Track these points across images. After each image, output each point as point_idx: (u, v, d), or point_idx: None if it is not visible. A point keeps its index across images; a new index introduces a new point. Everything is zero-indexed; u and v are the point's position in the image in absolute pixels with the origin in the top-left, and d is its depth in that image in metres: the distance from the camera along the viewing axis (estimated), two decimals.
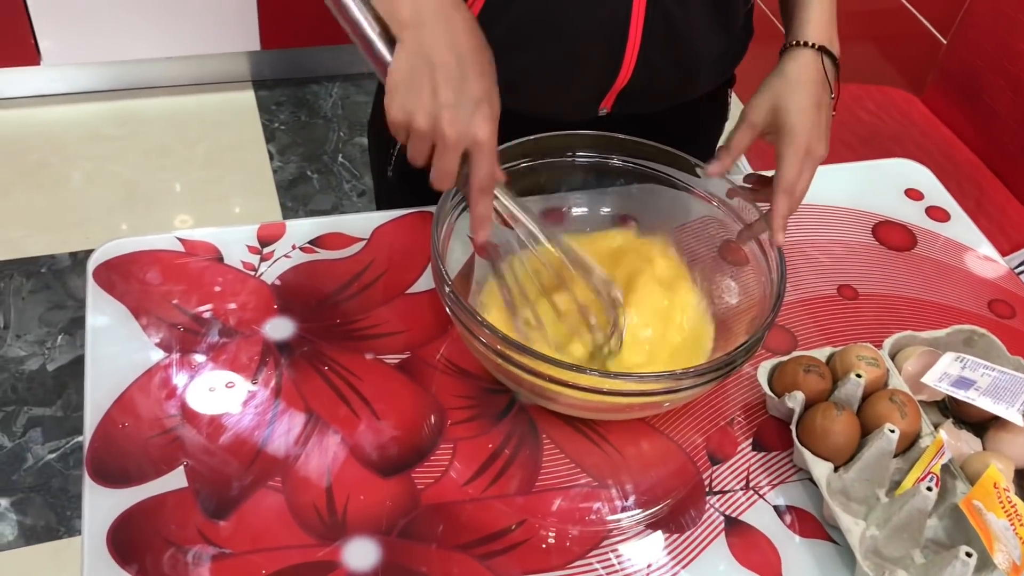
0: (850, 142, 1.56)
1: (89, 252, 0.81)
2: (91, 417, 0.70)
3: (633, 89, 0.83)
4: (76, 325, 1.76)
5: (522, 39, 0.80)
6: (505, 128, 0.78)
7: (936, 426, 0.74)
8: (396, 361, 0.76)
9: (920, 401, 0.74)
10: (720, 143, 1.02)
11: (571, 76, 0.83)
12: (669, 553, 0.67)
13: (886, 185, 1.00)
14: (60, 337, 1.74)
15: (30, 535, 1.46)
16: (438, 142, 0.66)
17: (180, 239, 0.83)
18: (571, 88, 0.84)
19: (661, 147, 0.80)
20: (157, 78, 2.29)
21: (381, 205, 1.04)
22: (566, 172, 0.82)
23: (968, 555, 0.61)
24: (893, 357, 0.78)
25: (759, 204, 0.79)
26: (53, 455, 1.56)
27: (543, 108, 0.86)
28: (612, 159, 0.81)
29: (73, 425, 1.61)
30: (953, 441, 0.73)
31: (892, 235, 0.93)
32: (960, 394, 0.72)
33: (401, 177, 0.98)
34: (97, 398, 0.71)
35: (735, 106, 1.02)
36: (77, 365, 1.70)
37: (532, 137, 0.78)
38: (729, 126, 1.04)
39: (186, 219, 2.01)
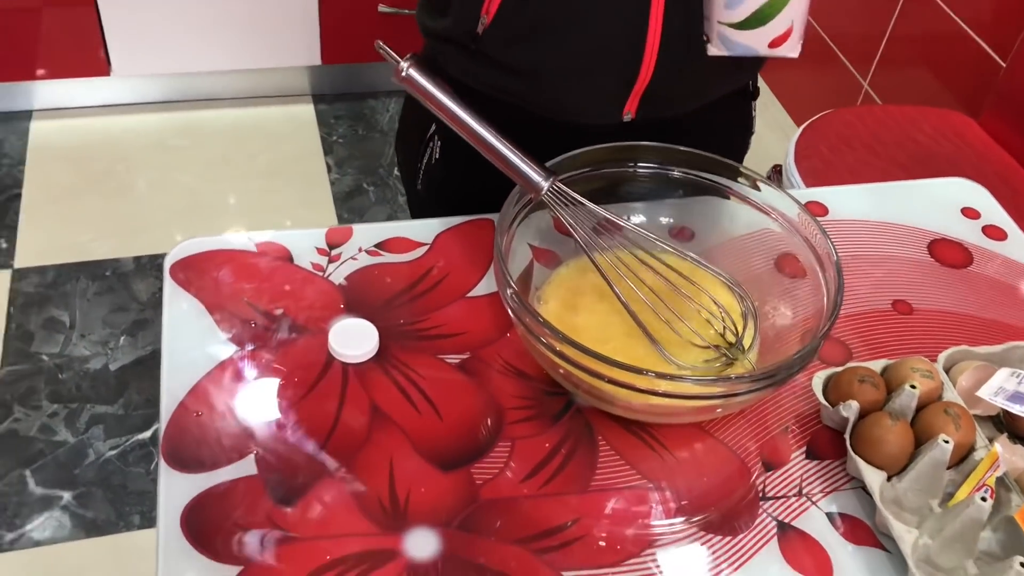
0: (904, 163, 1.56)
1: (152, 257, 0.85)
2: (167, 405, 0.73)
3: (656, 90, 0.85)
4: (138, 327, 1.81)
5: (543, 28, 0.82)
6: (530, 132, 0.80)
7: (991, 440, 0.74)
8: (457, 361, 0.79)
9: (974, 415, 0.74)
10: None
11: (592, 69, 0.84)
12: (721, 555, 0.69)
13: (942, 203, 1.00)
14: (123, 338, 1.79)
15: (91, 528, 1.50)
16: None
17: (253, 240, 0.86)
18: (593, 83, 0.85)
19: (721, 160, 0.82)
20: (220, 91, 2.35)
21: (415, 218, 1.07)
22: (626, 182, 0.84)
23: (1023, 565, 0.62)
24: (948, 371, 0.78)
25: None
26: (113, 452, 1.61)
27: (566, 104, 0.88)
28: (672, 171, 0.83)
29: (133, 423, 1.66)
30: (1008, 455, 0.73)
31: (948, 252, 0.94)
32: (1016, 408, 0.72)
33: (430, 190, 1.01)
34: (172, 388, 0.74)
35: (759, 118, 1.04)
36: (138, 365, 1.75)
37: (593, 147, 0.80)
38: (768, 143, 1.06)
39: (240, 229, 2.07)
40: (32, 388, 1.69)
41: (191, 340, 0.78)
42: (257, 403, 0.74)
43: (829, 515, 0.72)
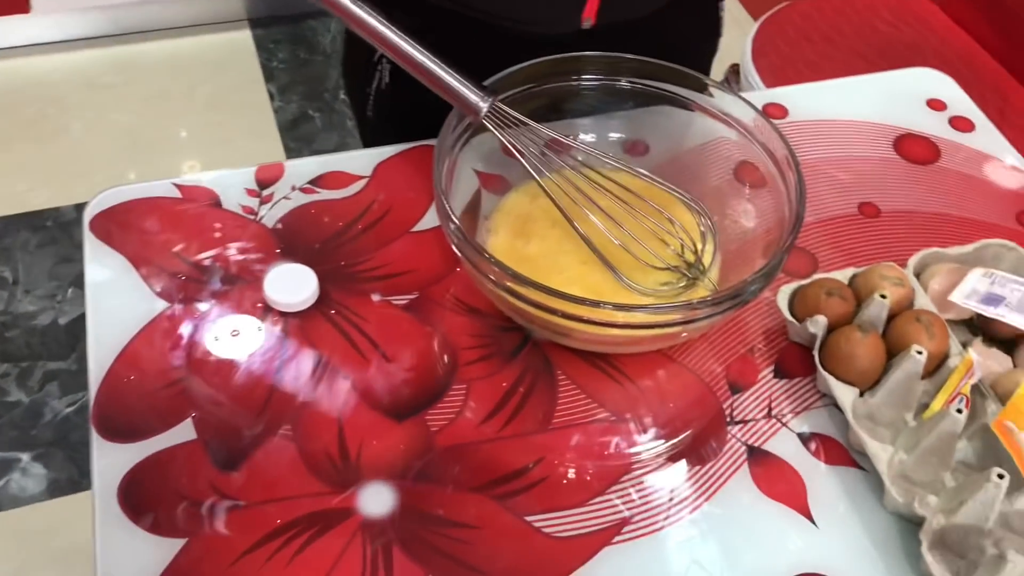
0: (865, 53, 1.51)
1: None
2: (95, 372, 0.68)
3: None
4: None
5: None
6: (483, 46, 0.74)
7: (965, 345, 0.71)
8: (404, 302, 0.74)
9: (947, 320, 0.71)
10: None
11: None
12: (691, 485, 0.66)
13: (907, 96, 0.96)
14: (70, 290, 1.73)
15: (54, 488, 1.47)
16: None
17: (176, 185, 0.80)
18: None
19: (671, 66, 0.76)
20: (151, 21, 2.24)
21: (368, 147, 1.00)
22: (572, 97, 0.78)
23: (1000, 477, 0.59)
24: (918, 276, 0.75)
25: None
26: (71, 408, 1.56)
27: (519, 12, 0.81)
28: (620, 80, 0.77)
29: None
30: (982, 360, 0.70)
31: (915, 148, 0.90)
32: (990, 311, 0.69)
33: (381, 117, 0.95)
34: (100, 352, 0.70)
35: (728, 19, 0.98)
36: None
37: (534, 61, 0.75)
38: (724, 42, 1.00)
39: (194, 164, 1.99)
40: None
41: (117, 299, 0.73)
42: (192, 362, 0.69)
43: (800, 436, 0.69)
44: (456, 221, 0.66)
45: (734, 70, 1.69)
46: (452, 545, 0.62)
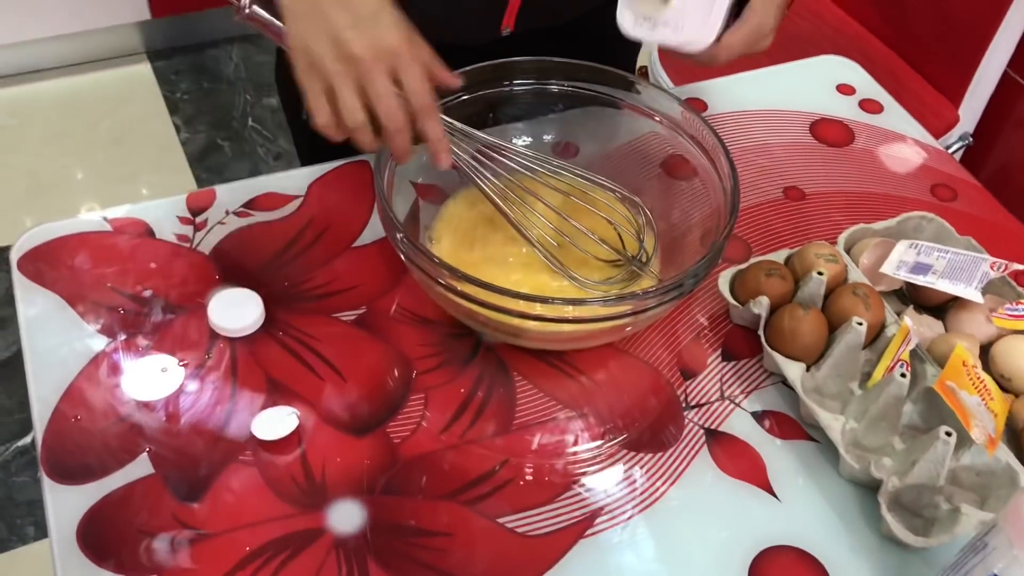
0: (767, 50, 1.56)
1: (0, 250, 0.76)
2: (40, 414, 0.66)
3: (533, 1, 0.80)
4: None
5: None
6: None
7: (899, 314, 0.74)
8: (353, 317, 0.74)
9: (879, 291, 0.74)
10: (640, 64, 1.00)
11: None
12: (655, 472, 0.67)
13: (817, 83, 0.99)
14: None
15: None
16: (359, 69, 0.63)
17: (106, 218, 0.78)
18: (464, 3, 0.81)
19: (598, 67, 0.78)
20: (46, 60, 2.17)
21: (305, 162, 0.99)
22: (505, 102, 0.79)
23: (948, 434, 0.62)
24: (849, 251, 0.78)
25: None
26: None
27: (441, 30, 0.82)
28: (550, 84, 0.79)
29: (10, 431, 1.54)
30: (916, 327, 0.73)
31: (830, 132, 0.93)
32: (920, 279, 0.72)
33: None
34: (43, 394, 0.67)
35: None
36: (4, 368, 1.62)
37: (466, 68, 0.75)
38: (645, 46, 1.02)
39: (94, 205, 1.93)
40: None
41: (55, 339, 0.71)
42: (141, 396, 0.67)
43: (754, 414, 0.71)
44: (403, 229, 0.66)
45: (642, 73, 1.72)
46: (427, 554, 0.61)
